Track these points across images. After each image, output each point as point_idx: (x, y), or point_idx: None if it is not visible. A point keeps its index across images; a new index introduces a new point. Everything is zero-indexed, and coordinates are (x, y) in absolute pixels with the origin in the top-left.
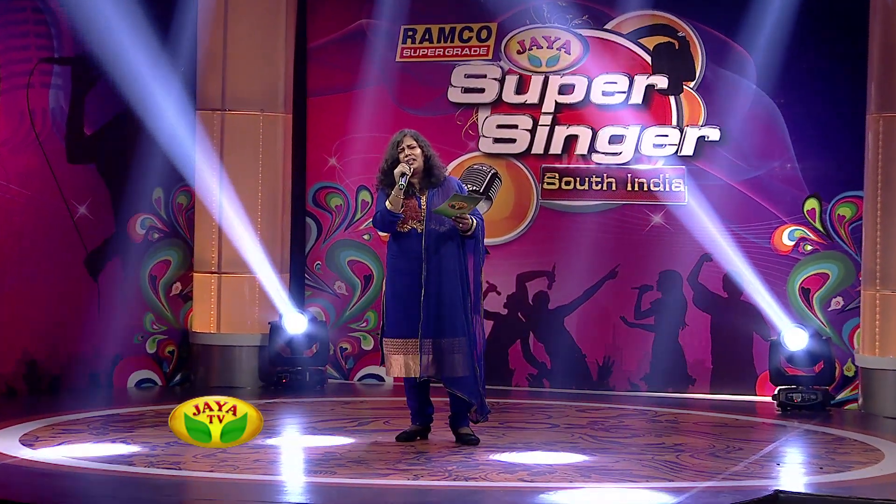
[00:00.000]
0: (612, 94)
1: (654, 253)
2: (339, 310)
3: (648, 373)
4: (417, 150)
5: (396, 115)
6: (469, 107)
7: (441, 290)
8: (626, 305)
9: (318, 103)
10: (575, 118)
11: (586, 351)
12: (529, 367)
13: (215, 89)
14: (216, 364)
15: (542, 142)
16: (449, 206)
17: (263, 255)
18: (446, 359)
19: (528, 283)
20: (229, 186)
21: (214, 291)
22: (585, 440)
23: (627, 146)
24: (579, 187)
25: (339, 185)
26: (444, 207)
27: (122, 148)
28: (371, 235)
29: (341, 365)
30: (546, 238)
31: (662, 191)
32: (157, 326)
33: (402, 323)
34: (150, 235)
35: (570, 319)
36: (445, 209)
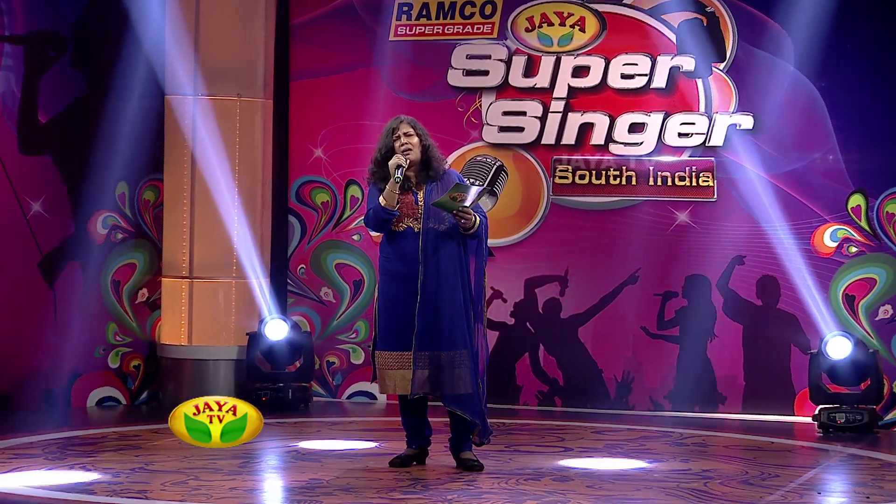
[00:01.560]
0: (633, 77)
1: (680, 255)
2: (325, 319)
3: (673, 390)
4: (415, 138)
5: (390, 101)
6: (472, 91)
7: (440, 296)
8: (647, 314)
9: (301, 87)
10: (590, 104)
11: (603, 365)
12: (539, 383)
13: (186, 71)
14: (187, 380)
15: (554, 131)
16: (450, 197)
17: (241, 257)
18: (446, 374)
19: (538, 290)
20: (202, 180)
21: (185, 299)
22: (602, 465)
23: (649, 135)
24: (595, 181)
25: (326, 179)
26: (444, 200)
27: (81, 137)
28: (361, 236)
29: (328, 381)
30: (558, 239)
31: (689, 185)
32: (120, 338)
33: (396, 334)
34: (113, 235)
35: (584, 330)
36: (446, 202)
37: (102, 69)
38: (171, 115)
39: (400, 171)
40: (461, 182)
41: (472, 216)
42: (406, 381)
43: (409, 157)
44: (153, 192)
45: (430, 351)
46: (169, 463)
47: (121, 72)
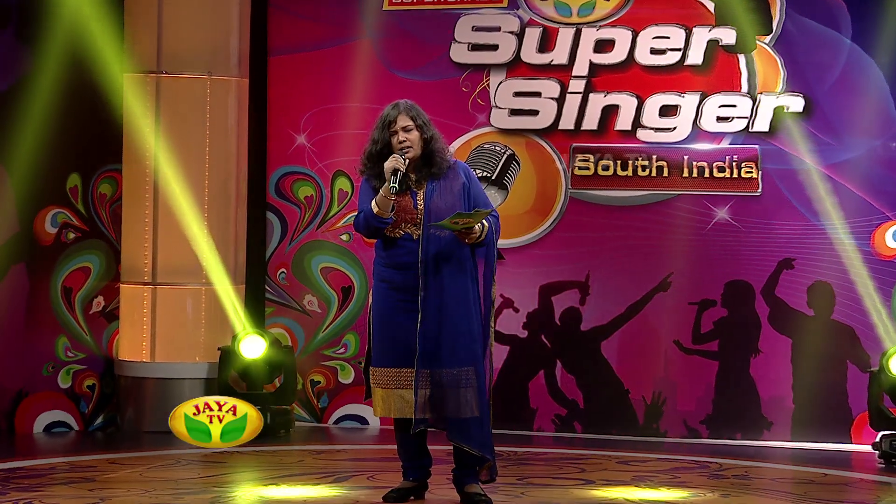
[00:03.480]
0: (664, 53)
1: (719, 258)
2: (309, 332)
3: (711, 414)
4: (414, 133)
5: (384, 80)
6: (478, 69)
7: (443, 306)
8: (681, 326)
9: (281, 64)
10: (615, 83)
11: (630, 385)
12: (556, 405)
13: (148, 45)
14: (150, 402)
15: (573, 114)
16: (451, 222)
17: (212, 260)
18: (450, 395)
19: (555, 298)
20: (167, 172)
21: (147, 308)
22: (629, 500)
23: (683, 120)
24: (620, 173)
25: (310, 170)
26: (445, 223)
27: (27, 122)
28: (351, 235)
29: (312, 403)
30: (577, 239)
31: (729, 177)
32: (72, 354)
33: (393, 348)
34: (64, 235)
35: (608, 344)
36: (447, 225)
37: (51, 43)
38: (130, 96)
39: (397, 177)
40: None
41: (475, 233)
42: (404, 402)
43: (407, 156)
44: (110, 185)
45: (431, 369)
46: (128, 498)
47: (73, 45)
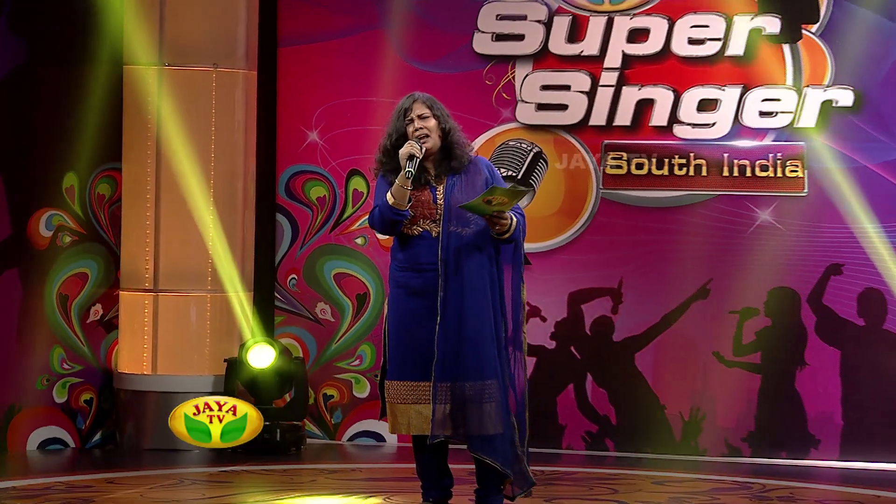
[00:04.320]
0: (703, 43)
1: (761, 263)
2: (321, 342)
3: (753, 431)
4: (432, 120)
5: (401, 73)
6: (503, 60)
7: (464, 314)
8: (721, 337)
9: (292, 55)
10: (650, 76)
11: (666, 400)
12: (587, 422)
13: (150, 35)
14: (151, 418)
15: (605, 109)
16: (483, 200)
17: (218, 265)
18: (472, 411)
19: (585, 306)
20: (170, 171)
21: (149, 317)
22: None
23: (723, 115)
24: (656, 172)
25: (323, 170)
26: (476, 203)
27: (20, 118)
28: (366, 239)
29: (325, 419)
30: (609, 243)
31: (772, 177)
32: (68, 366)
33: (411, 360)
34: (60, 239)
35: (643, 356)
36: (479, 205)
37: (47, 33)
38: (130, 89)
39: (412, 163)
40: (492, 173)
41: (507, 219)
42: (423, 418)
43: (424, 145)
44: (109, 186)
45: (451, 382)
46: None
47: (69, 36)
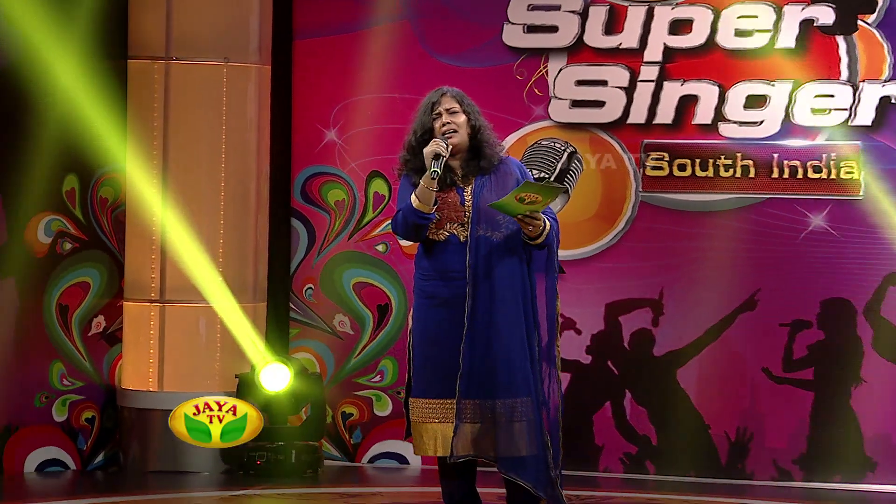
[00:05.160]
0: (751, 34)
1: (814, 272)
2: (340, 357)
3: (805, 453)
4: (461, 116)
5: (427, 67)
6: (535, 54)
7: (494, 325)
8: (770, 351)
9: (309, 49)
10: (694, 70)
11: (711, 419)
12: (625, 442)
13: (155, 27)
14: (157, 438)
15: (645, 106)
16: (515, 198)
17: (228, 275)
18: (502, 430)
19: (623, 318)
20: (177, 173)
21: (155, 330)
22: None
23: (773, 112)
24: (699, 173)
25: (341, 171)
26: (507, 201)
27: (14, 118)
28: (388, 245)
29: (344, 439)
30: (649, 250)
31: (826, 178)
32: (68, 382)
33: (437, 376)
34: (60, 246)
35: (686, 372)
36: (510, 203)
37: (44, 24)
38: (135, 86)
39: (438, 163)
40: (524, 174)
41: (541, 221)
42: (447, 438)
43: (451, 142)
44: (112, 189)
45: (480, 399)
46: None
47: (68, 27)
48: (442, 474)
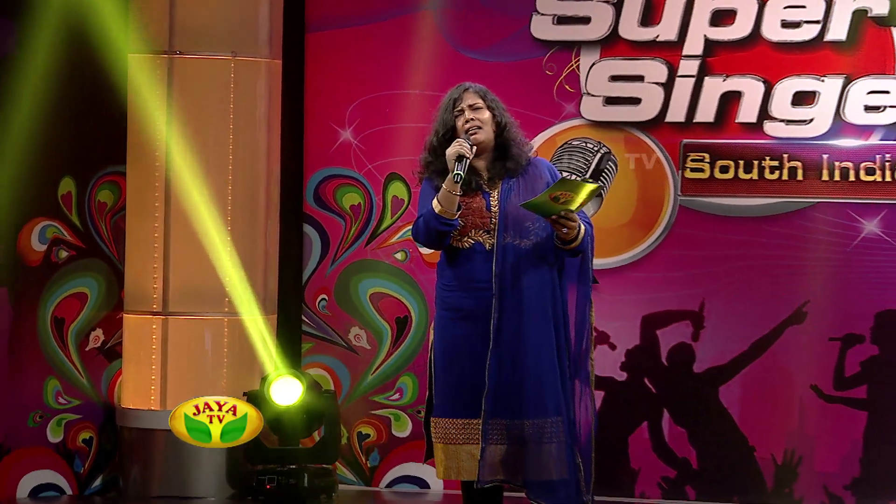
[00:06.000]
0: (799, 26)
1: (867, 282)
2: (356, 373)
3: (858, 477)
4: (485, 113)
5: (449, 62)
6: (566, 47)
7: (522, 340)
8: (820, 368)
9: (322, 42)
10: (737, 65)
11: (756, 441)
12: (663, 466)
13: (159, 19)
14: (160, 460)
15: (684, 103)
16: (549, 197)
17: (236, 284)
18: (531, 452)
19: (661, 332)
20: (182, 175)
21: (157, 344)
22: None
23: (823, 110)
24: (743, 176)
25: (357, 174)
26: (541, 200)
27: (9, 114)
28: (408, 253)
29: (360, 462)
30: (689, 258)
31: (880, 181)
32: (64, 400)
33: (461, 394)
34: (55, 254)
35: (728, 390)
36: (543, 203)
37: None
38: (137, 81)
39: (462, 165)
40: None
41: (576, 223)
42: (475, 460)
43: (475, 139)
44: (111, 192)
45: (507, 419)
46: None
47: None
48: (466, 500)
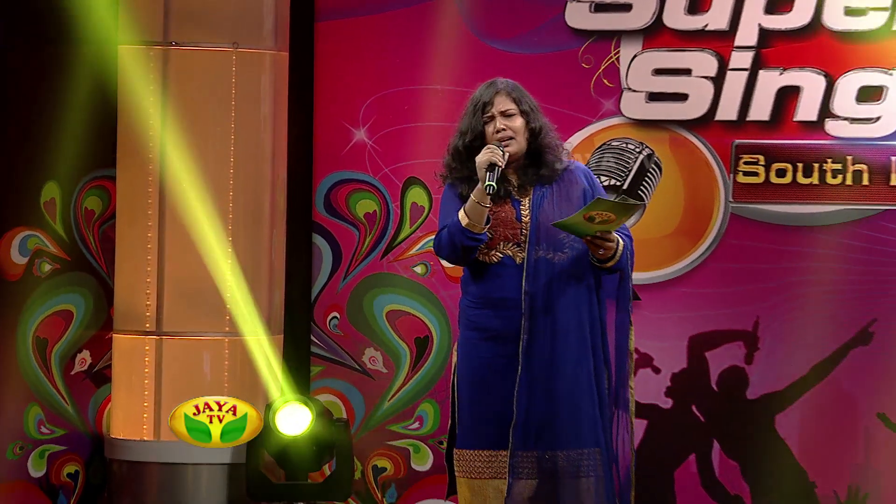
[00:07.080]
0: (864, 14)
1: None
2: (371, 400)
3: None
4: (518, 119)
5: (474, 54)
6: (604, 37)
7: (556, 364)
8: (888, 395)
9: (333, 32)
10: (795, 57)
11: (817, 475)
12: (712, 501)
13: (152, 6)
14: (153, 496)
15: (736, 100)
16: (584, 216)
17: (238, 301)
18: (566, 488)
19: (710, 354)
20: (178, 179)
21: (150, 367)
22: None
23: (891, 107)
24: (803, 180)
25: (372, 178)
26: (575, 220)
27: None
28: (429, 267)
29: (375, 498)
30: (742, 272)
31: None
32: (47, 430)
33: (487, 424)
34: (38, 267)
35: (786, 418)
36: (578, 223)
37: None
38: (127, 75)
39: (494, 174)
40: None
41: (613, 242)
42: (503, 497)
43: (507, 150)
44: (99, 199)
45: (539, 451)
46: None
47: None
48: None
